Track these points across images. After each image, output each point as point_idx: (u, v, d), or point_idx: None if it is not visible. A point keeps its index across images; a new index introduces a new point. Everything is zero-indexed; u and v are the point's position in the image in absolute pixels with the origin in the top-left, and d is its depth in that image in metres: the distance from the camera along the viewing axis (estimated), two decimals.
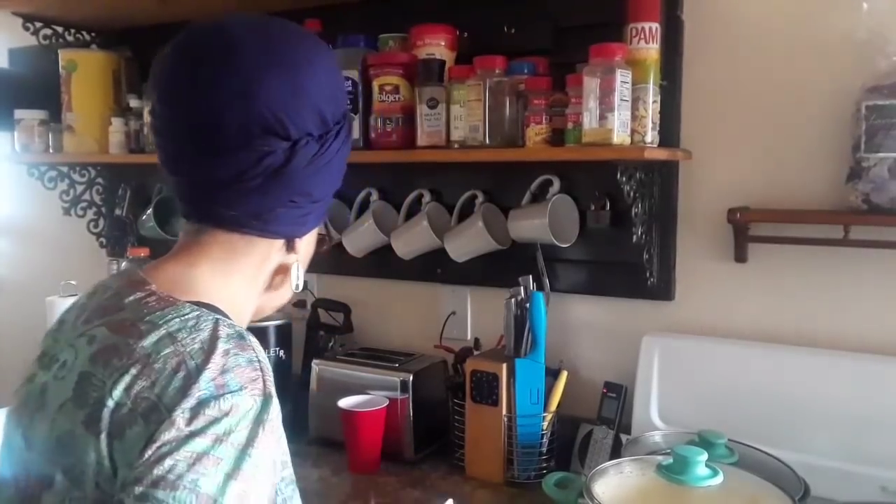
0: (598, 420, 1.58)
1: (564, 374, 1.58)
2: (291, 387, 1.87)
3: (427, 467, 1.64)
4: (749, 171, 1.50)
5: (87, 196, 2.31)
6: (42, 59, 2.21)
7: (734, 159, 1.51)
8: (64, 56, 2.04)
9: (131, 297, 0.77)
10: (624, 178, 1.44)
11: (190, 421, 0.67)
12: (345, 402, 1.64)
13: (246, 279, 0.84)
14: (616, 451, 1.50)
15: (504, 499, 1.50)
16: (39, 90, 2.18)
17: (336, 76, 0.84)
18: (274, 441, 0.72)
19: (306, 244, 0.88)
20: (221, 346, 0.72)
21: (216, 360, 0.71)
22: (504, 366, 1.55)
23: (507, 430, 1.55)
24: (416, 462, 1.66)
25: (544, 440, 1.56)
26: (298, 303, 2.03)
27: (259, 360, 0.74)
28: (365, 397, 1.66)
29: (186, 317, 0.74)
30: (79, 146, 2.05)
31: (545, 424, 1.56)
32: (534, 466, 1.55)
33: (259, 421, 0.70)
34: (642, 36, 1.37)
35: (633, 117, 1.36)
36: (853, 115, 1.34)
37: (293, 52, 0.78)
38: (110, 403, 0.69)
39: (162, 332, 0.72)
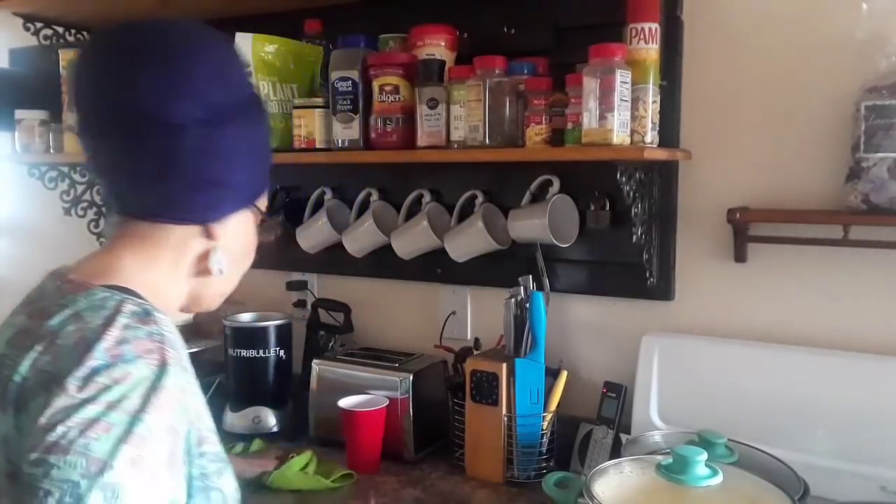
0: (598, 420, 1.58)
1: (564, 374, 1.58)
2: (291, 387, 1.87)
3: (427, 467, 1.64)
4: (749, 171, 1.50)
5: (87, 196, 2.31)
6: (43, 60, 2.22)
7: (734, 159, 1.51)
8: (64, 56, 2.04)
9: (51, 287, 0.84)
10: (624, 178, 1.44)
11: (81, 388, 0.71)
12: (345, 402, 1.64)
13: (168, 266, 0.88)
14: (616, 451, 1.50)
15: (504, 498, 1.51)
16: (40, 90, 2.18)
17: (227, 65, 0.88)
18: (171, 409, 0.74)
19: (235, 232, 0.90)
20: (122, 320, 0.76)
21: (113, 333, 0.75)
22: (504, 366, 1.55)
23: (507, 430, 1.55)
24: (416, 462, 1.66)
25: (544, 440, 1.56)
26: (298, 303, 2.03)
27: (161, 334, 0.78)
28: (365, 397, 1.66)
29: (94, 298, 0.79)
30: (79, 146, 2.05)
31: (545, 424, 1.56)
32: (533, 466, 1.55)
33: (154, 388, 0.73)
34: (642, 36, 1.37)
35: (633, 117, 1.36)
36: (853, 116, 1.34)
37: (174, 45, 0.84)
38: (17, 378, 0.75)
39: (69, 312, 0.78)
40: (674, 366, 1.53)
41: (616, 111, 1.32)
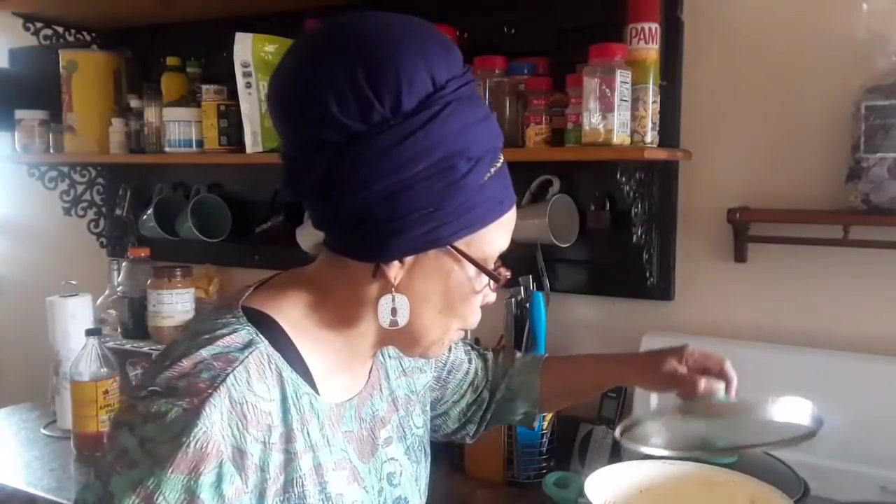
0: (598, 420, 1.57)
1: None
2: None
3: None
4: (749, 171, 1.50)
5: (87, 196, 2.31)
6: (43, 60, 2.21)
7: (734, 159, 1.51)
8: (64, 56, 2.04)
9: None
10: (624, 179, 1.44)
11: (130, 411, 0.69)
12: None
13: (338, 302, 0.79)
14: (616, 451, 1.49)
15: (504, 499, 1.50)
16: (40, 90, 2.18)
17: (339, 71, 0.70)
18: (199, 468, 0.66)
19: (424, 278, 0.77)
20: (209, 350, 0.71)
21: (187, 363, 0.69)
22: None
23: (507, 430, 1.55)
24: None
25: (544, 440, 1.56)
26: None
27: (221, 377, 0.69)
28: None
29: (219, 317, 0.75)
30: (79, 146, 2.05)
31: (545, 424, 1.56)
32: (534, 466, 1.55)
33: (178, 440, 0.65)
34: (642, 36, 1.37)
35: (633, 117, 1.36)
36: (853, 115, 1.34)
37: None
38: None
39: (192, 325, 0.78)
40: None
41: (616, 111, 1.32)
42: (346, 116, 0.70)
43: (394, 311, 0.76)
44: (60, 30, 2.18)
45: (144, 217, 2.17)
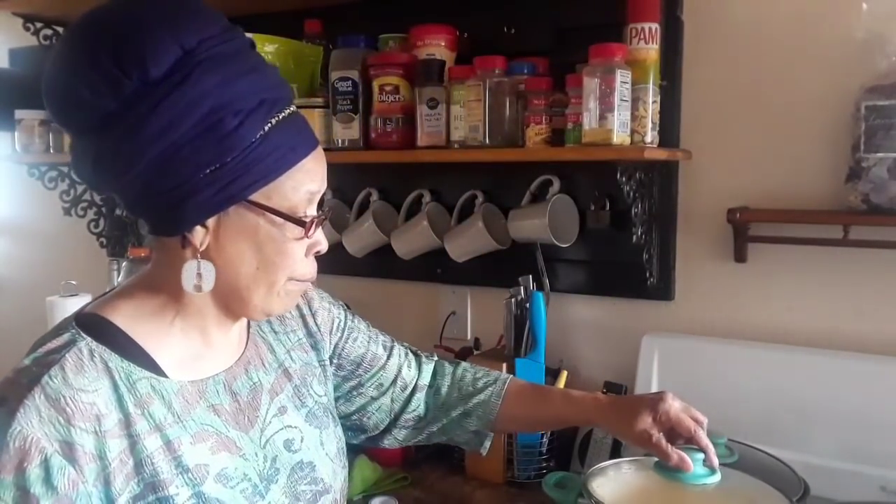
0: None
1: (564, 374, 1.58)
2: None
3: (427, 467, 1.64)
4: (749, 171, 1.50)
5: (87, 196, 2.31)
6: (43, 60, 2.19)
7: (734, 159, 1.51)
8: None
9: None
10: (624, 178, 1.44)
11: None
12: None
13: (168, 282, 0.81)
14: (616, 451, 1.49)
15: (504, 499, 1.51)
16: (40, 90, 2.18)
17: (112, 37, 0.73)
18: (26, 463, 0.70)
19: (232, 239, 0.78)
20: (30, 358, 0.78)
21: (11, 374, 0.77)
22: (504, 366, 1.55)
23: None
24: (417, 462, 1.66)
25: (544, 440, 1.56)
26: None
27: (37, 377, 0.74)
28: None
29: (56, 328, 0.82)
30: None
31: None
32: (534, 466, 1.55)
33: (2, 442, 0.70)
34: (642, 36, 1.37)
35: (633, 117, 1.36)
36: (853, 116, 1.34)
37: None
38: None
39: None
40: (674, 366, 1.52)
41: (616, 111, 1.32)
42: (99, 97, 0.72)
43: (199, 277, 0.78)
44: (60, 30, 2.18)
45: None
